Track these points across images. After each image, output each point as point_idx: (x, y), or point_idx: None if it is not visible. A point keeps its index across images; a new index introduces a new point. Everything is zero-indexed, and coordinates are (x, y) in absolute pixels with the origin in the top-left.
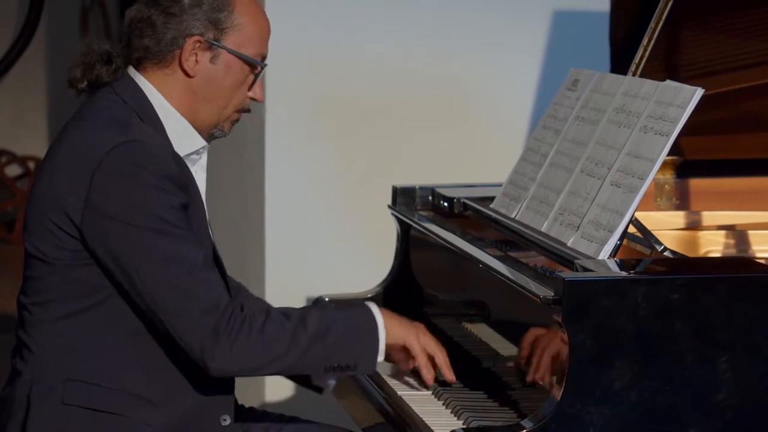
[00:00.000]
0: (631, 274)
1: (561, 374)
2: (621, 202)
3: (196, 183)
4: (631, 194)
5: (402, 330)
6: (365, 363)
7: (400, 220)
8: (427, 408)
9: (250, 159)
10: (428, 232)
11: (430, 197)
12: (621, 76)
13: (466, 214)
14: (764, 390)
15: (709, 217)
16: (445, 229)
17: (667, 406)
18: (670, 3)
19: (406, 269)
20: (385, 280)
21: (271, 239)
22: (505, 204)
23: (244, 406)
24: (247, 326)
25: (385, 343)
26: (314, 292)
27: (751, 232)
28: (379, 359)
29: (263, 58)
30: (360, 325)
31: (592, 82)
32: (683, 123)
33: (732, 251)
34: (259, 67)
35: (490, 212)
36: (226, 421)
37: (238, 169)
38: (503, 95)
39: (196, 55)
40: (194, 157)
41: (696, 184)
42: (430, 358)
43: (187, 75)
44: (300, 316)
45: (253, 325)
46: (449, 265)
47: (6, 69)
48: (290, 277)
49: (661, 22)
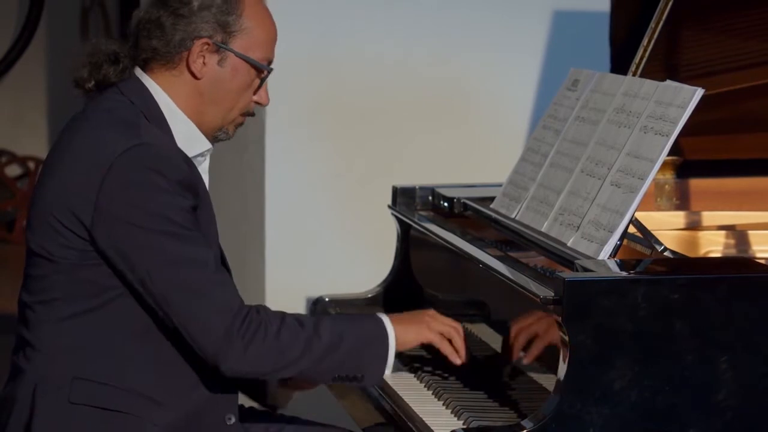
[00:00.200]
0: (631, 274)
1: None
2: (621, 202)
3: (204, 184)
4: (631, 194)
5: (414, 332)
6: (373, 374)
7: (400, 220)
8: (427, 408)
9: (250, 159)
10: (428, 232)
11: (430, 197)
12: (621, 76)
13: (466, 214)
14: (764, 390)
15: (710, 217)
16: (445, 229)
17: (667, 406)
18: (670, 3)
19: (406, 269)
20: (385, 280)
21: (271, 239)
22: (505, 204)
23: (244, 405)
24: (263, 330)
25: (403, 348)
26: (314, 292)
27: (751, 232)
28: (387, 372)
29: (270, 62)
30: (371, 338)
31: (592, 82)
32: (683, 123)
33: (732, 251)
34: (265, 71)
35: (490, 212)
36: (231, 420)
37: (238, 169)
38: (503, 95)
39: (203, 57)
40: (199, 159)
41: (696, 184)
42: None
43: (195, 77)
44: (314, 325)
45: (269, 329)
46: (449, 265)
47: (6, 69)
48: (290, 277)
49: (661, 22)
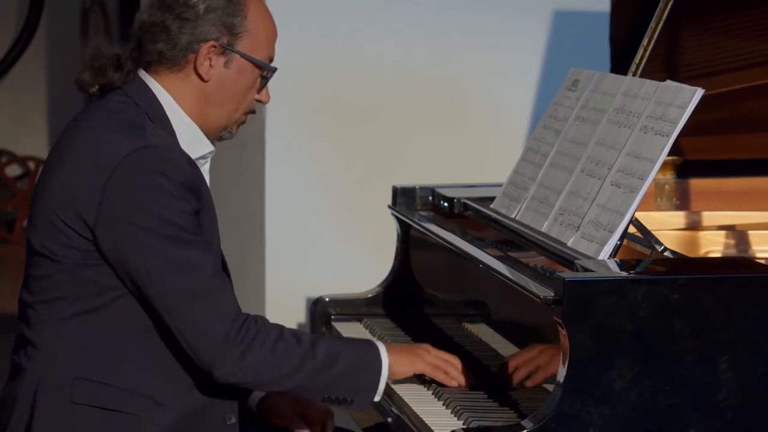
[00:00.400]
0: (631, 274)
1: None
2: (621, 202)
3: (208, 187)
4: (631, 194)
5: (408, 363)
6: (361, 400)
7: (400, 220)
8: (427, 408)
9: (250, 158)
10: (428, 233)
11: (430, 197)
12: (621, 77)
13: (466, 214)
14: (764, 390)
15: (710, 218)
16: (445, 230)
17: (667, 406)
18: (670, 3)
19: (406, 269)
20: (385, 280)
21: (271, 239)
22: (506, 204)
23: (245, 406)
24: (260, 340)
25: (395, 378)
26: (314, 292)
27: (751, 232)
28: (376, 399)
29: (271, 60)
30: (365, 363)
31: (592, 82)
32: (683, 123)
33: (732, 251)
34: (269, 71)
35: (490, 212)
36: (231, 420)
37: (238, 168)
38: (503, 95)
39: (210, 59)
40: (200, 161)
41: (696, 184)
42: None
43: (202, 79)
44: (311, 343)
45: (266, 340)
46: (449, 266)
47: (6, 69)
48: (290, 277)
49: (661, 23)
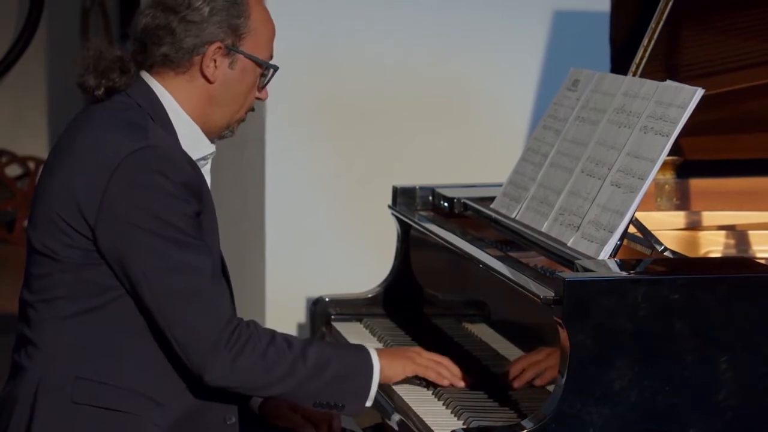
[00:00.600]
0: (632, 275)
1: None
2: (621, 202)
3: (209, 189)
4: (631, 194)
5: (400, 366)
6: (353, 405)
7: (400, 220)
8: (427, 408)
9: (250, 158)
10: (428, 233)
11: (431, 197)
12: (621, 77)
13: (467, 214)
14: (764, 390)
15: (710, 218)
16: (446, 230)
17: (667, 406)
18: (670, 3)
19: (406, 269)
20: (385, 280)
21: (271, 238)
22: (506, 204)
23: (247, 407)
24: (251, 345)
25: (388, 382)
26: (314, 292)
27: (751, 233)
28: (368, 404)
29: (271, 58)
30: (356, 369)
31: (593, 82)
32: (683, 123)
33: (732, 251)
34: (271, 69)
35: (490, 212)
36: (232, 420)
37: (238, 168)
38: (503, 95)
39: (215, 61)
40: (201, 162)
41: (696, 184)
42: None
43: (208, 81)
44: (302, 348)
45: (257, 345)
46: (449, 266)
47: (6, 69)
48: (290, 277)
49: (661, 23)
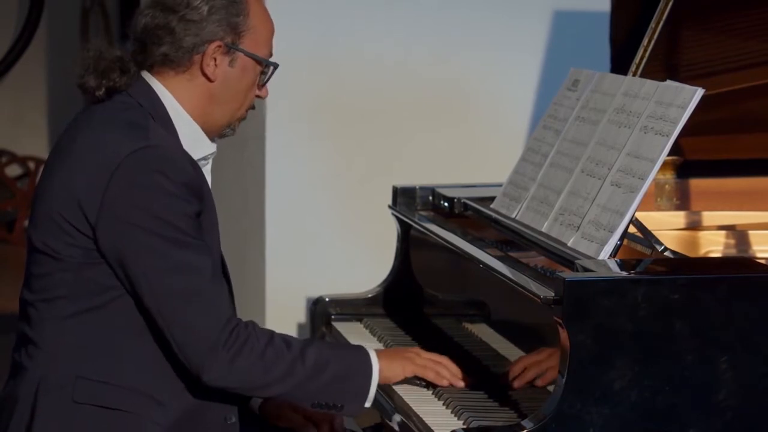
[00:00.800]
0: (632, 274)
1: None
2: (621, 202)
3: (209, 188)
4: (631, 194)
5: (399, 367)
6: (352, 406)
7: (400, 220)
8: (427, 408)
9: (250, 157)
10: (428, 232)
11: (431, 197)
12: (621, 77)
13: (467, 214)
14: (764, 390)
15: (710, 217)
16: (446, 229)
17: (667, 406)
18: (671, 3)
19: (406, 269)
20: (386, 280)
21: (272, 237)
22: (506, 204)
23: (247, 408)
24: (249, 345)
25: (387, 382)
26: (314, 292)
27: (751, 232)
28: (367, 405)
29: (271, 56)
30: (355, 369)
31: (593, 82)
32: (683, 123)
33: (732, 251)
34: (271, 67)
35: (490, 212)
36: (232, 419)
37: (239, 167)
38: (503, 95)
39: (215, 59)
40: (202, 162)
41: (696, 184)
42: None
43: (208, 79)
44: (300, 348)
45: (255, 345)
46: (449, 266)
47: (6, 69)
48: (290, 277)
49: (662, 23)
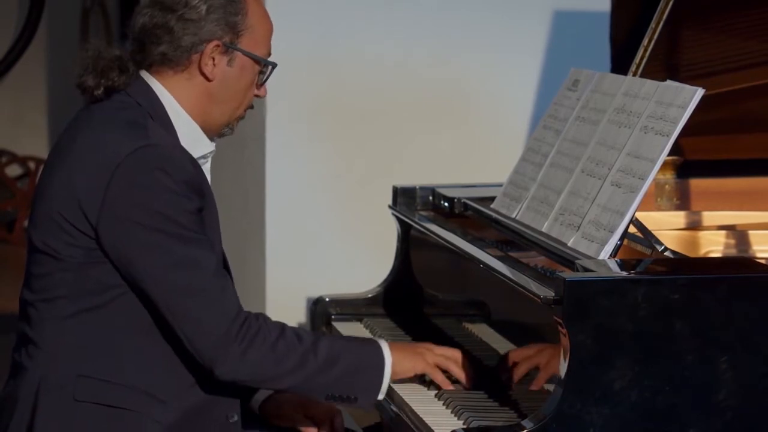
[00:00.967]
0: (632, 274)
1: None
2: (621, 202)
3: (209, 186)
4: (631, 194)
5: (410, 362)
6: (365, 398)
7: (400, 220)
8: (427, 408)
9: (251, 157)
10: (429, 233)
11: (431, 197)
12: (621, 77)
13: (467, 214)
14: (764, 390)
15: (710, 217)
16: (446, 230)
17: (668, 406)
18: (671, 3)
19: (406, 269)
20: (386, 280)
21: (272, 237)
22: (506, 204)
23: (248, 407)
24: (261, 337)
25: (397, 378)
26: (314, 292)
27: (751, 232)
28: (380, 397)
29: (269, 55)
30: (368, 362)
31: (593, 82)
32: (684, 123)
33: (732, 251)
34: (270, 66)
35: (490, 212)
36: (234, 418)
37: (239, 167)
38: (503, 96)
39: (213, 59)
40: (201, 160)
41: (696, 184)
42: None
43: (207, 79)
44: (312, 341)
45: (266, 338)
46: (450, 266)
47: (6, 69)
48: (290, 277)
49: (662, 23)
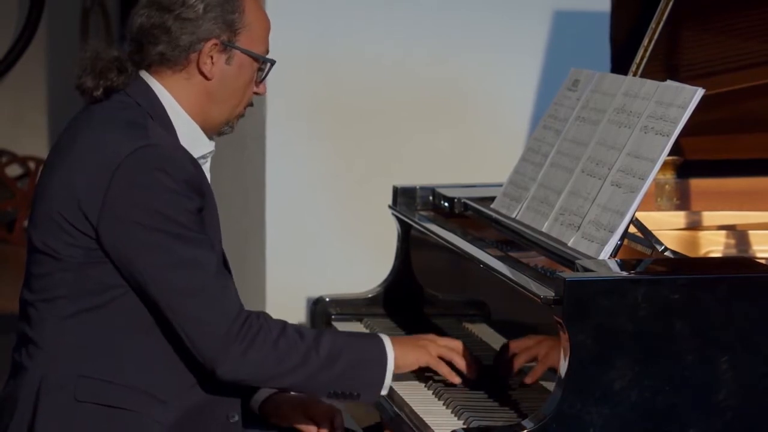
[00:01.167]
0: (632, 275)
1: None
2: (621, 202)
3: (209, 186)
4: (631, 194)
5: (413, 356)
6: (368, 394)
7: (400, 220)
8: (427, 408)
9: (250, 156)
10: (429, 232)
11: (431, 197)
12: (621, 77)
13: (467, 214)
14: (764, 390)
15: (710, 217)
16: (446, 229)
17: (668, 406)
18: (671, 3)
19: (406, 269)
20: (386, 280)
21: (272, 237)
22: (506, 204)
23: (248, 407)
24: (262, 336)
25: (400, 371)
26: (314, 292)
27: (751, 232)
28: (383, 392)
29: (267, 53)
30: (370, 357)
31: (593, 82)
32: (684, 123)
33: (732, 251)
34: (268, 64)
35: (490, 212)
36: (235, 418)
37: (239, 166)
38: (502, 95)
39: (211, 57)
40: (201, 160)
41: (696, 184)
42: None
43: (205, 77)
44: (314, 338)
45: (268, 336)
46: (450, 265)
47: (6, 69)
48: (290, 277)
49: (662, 23)
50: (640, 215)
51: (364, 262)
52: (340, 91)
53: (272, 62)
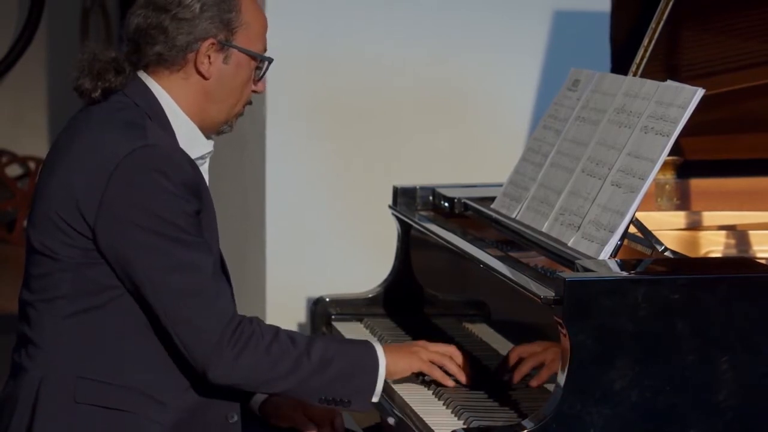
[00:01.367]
0: (632, 275)
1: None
2: (622, 202)
3: (207, 187)
4: (631, 194)
5: (405, 362)
6: (359, 401)
7: (400, 220)
8: (427, 408)
9: (250, 156)
10: (429, 232)
11: (431, 197)
12: (621, 77)
13: (467, 214)
14: (764, 390)
15: (710, 218)
16: (446, 229)
17: (668, 406)
18: (671, 3)
19: (406, 269)
20: (386, 280)
21: (272, 237)
22: (506, 204)
23: (247, 408)
24: (254, 341)
25: (392, 378)
26: (314, 292)
27: (751, 233)
28: (374, 400)
29: (265, 51)
30: (361, 364)
31: (593, 82)
32: (684, 123)
33: (732, 251)
34: (266, 62)
35: (490, 212)
36: (234, 418)
37: (238, 167)
38: (502, 95)
39: (209, 57)
40: (199, 161)
41: (696, 184)
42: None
43: (203, 77)
44: (306, 344)
45: (260, 341)
46: (450, 265)
47: (6, 69)
48: (290, 277)
49: (662, 23)
50: (640, 215)
51: (364, 262)
52: (340, 91)
53: (270, 60)
